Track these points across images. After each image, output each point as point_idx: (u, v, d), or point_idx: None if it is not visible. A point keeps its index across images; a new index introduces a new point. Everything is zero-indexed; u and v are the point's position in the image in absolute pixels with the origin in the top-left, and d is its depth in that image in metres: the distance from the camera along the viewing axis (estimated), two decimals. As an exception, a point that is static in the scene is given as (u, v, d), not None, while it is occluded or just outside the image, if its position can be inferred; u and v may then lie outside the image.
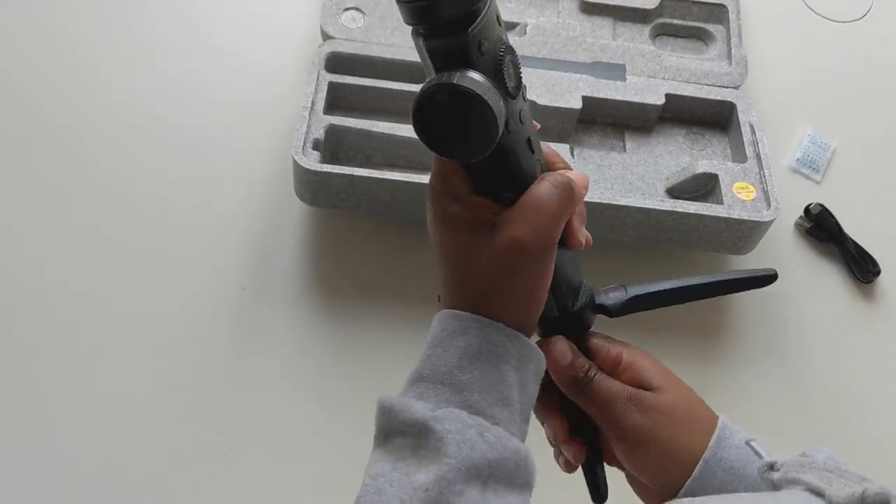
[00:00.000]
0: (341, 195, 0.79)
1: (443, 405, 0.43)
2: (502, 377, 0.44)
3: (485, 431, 0.42)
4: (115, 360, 0.76)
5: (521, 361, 0.46)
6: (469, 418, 0.42)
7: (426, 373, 0.45)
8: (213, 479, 0.72)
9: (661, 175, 0.89)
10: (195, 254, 0.83)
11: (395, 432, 0.43)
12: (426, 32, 0.42)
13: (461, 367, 0.44)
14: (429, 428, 0.42)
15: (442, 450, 0.41)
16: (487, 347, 0.45)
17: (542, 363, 0.47)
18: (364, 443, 0.73)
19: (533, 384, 0.47)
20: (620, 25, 0.97)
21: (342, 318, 0.80)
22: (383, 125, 0.83)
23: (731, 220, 0.79)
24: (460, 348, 0.45)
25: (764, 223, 0.80)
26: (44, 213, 0.83)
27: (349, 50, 0.88)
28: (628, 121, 0.91)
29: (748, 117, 0.89)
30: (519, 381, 0.46)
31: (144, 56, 0.96)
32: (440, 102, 0.43)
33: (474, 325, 0.45)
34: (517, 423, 0.45)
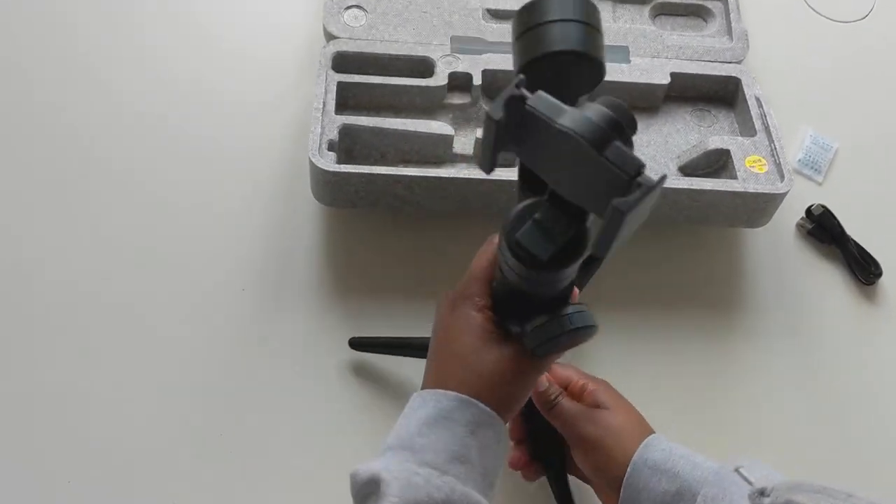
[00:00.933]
0: (360, 194, 0.79)
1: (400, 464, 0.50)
2: (456, 439, 0.52)
3: (433, 478, 0.49)
4: (117, 361, 0.77)
5: (478, 426, 0.53)
6: (419, 468, 0.50)
7: (391, 442, 0.53)
8: (213, 481, 0.72)
9: (671, 154, 0.89)
10: (208, 257, 0.83)
11: (358, 494, 0.51)
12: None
13: (420, 432, 0.52)
14: (379, 478, 0.49)
15: (387, 491, 0.48)
16: (443, 414, 0.52)
17: (502, 428, 0.54)
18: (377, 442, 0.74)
19: (495, 448, 0.54)
20: (620, 7, 0.97)
21: (359, 318, 0.81)
22: (395, 121, 0.83)
23: (747, 194, 0.80)
24: (420, 418, 0.53)
25: (779, 195, 0.81)
26: (50, 213, 0.84)
27: (354, 49, 0.88)
28: (635, 102, 0.92)
29: (753, 91, 0.90)
30: (477, 444, 0.52)
31: (145, 57, 0.96)
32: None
33: (432, 398, 0.54)
34: (476, 480, 0.52)
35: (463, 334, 0.56)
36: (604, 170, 0.41)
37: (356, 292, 0.82)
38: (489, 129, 0.42)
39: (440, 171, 0.79)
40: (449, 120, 0.88)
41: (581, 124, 0.41)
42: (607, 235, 0.42)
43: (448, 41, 0.90)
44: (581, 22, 0.43)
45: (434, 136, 0.83)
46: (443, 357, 0.57)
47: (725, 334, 0.85)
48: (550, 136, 0.42)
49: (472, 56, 0.89)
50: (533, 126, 0.41)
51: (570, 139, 0.41)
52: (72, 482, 0.71)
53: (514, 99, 0.41)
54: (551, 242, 0.47)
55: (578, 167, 0.42)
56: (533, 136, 0.42)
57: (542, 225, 0.47)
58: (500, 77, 0.89)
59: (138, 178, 0.87)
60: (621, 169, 0.41)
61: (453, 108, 0.89)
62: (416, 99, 0.88)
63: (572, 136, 0.41)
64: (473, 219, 0.85)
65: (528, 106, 0.41)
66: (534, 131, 0.42)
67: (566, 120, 0.42)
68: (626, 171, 0.41)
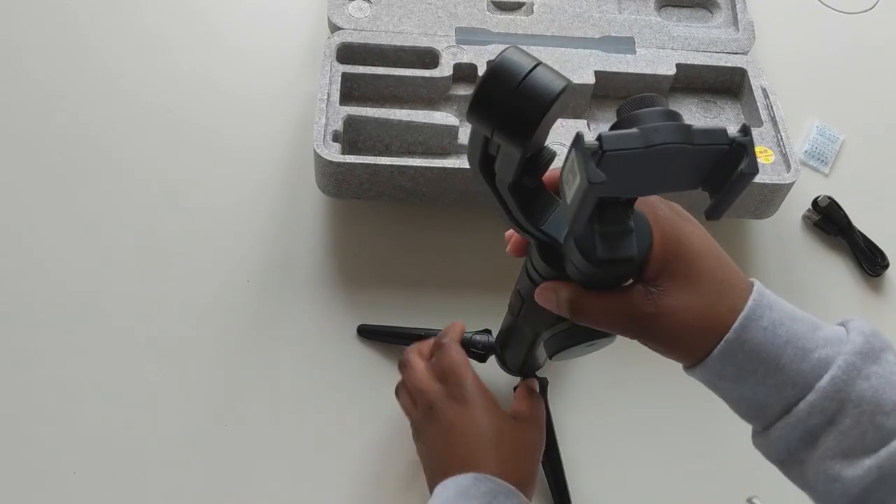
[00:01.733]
0: (365, 185, 0.79)
1: None
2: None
3: None
4: (122, 352, 0.76)
5: (494, 497, 0.57)
6: None
7: None
8: (219, 471, 0.72)
9: (677, 145, 0.89)
10: (212, 249, 0.83)
11: None
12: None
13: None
14: None
15: None
16: (461, 492, 0.57)
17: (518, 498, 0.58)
18: (382, 438, 0.74)
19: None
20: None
21: (364, 309, 0.80)
22: (400, 112, 0.83)
23: (753, 184, 0.79)
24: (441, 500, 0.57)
25: (785, 185, 0.81)
26: (56, 204, 0.84)
27: (358, 40, 0.88)
28: (641, 93, 0.91)
29: (760, 82, 0.90)
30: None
31: (150, 49, 0.96)
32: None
33: (452, 482, 0.58)
34: None
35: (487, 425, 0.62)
36: (702, 154, 0.43)
37: (361, 283, 0.82)
38: (591, 195, 0.42)
39: (445, 162, 0.78)
40: (454, 111, 0.88)
41: (664, 133, 0.42)
42: (728, 201, 0.44)
43: (453, 32, 0.90)
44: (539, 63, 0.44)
45: (439, 127, 0.83)
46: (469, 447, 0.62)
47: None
48: (638, 160, 0.42)
49: (477, 47, 0.89)
50: (617, 165, 0.42)
51: (661, 153, 0.42)
52: (77, 473, 0.71)
53: (595, 154, 0.41)
54: (628, 240, 0.48)
55: (673, 167, 0.44)
56: (619, 173, 0.42)
57: (607, 231, 0.48)
58: (505, 68, 0.89)
59: (143, 170, 0.87)
60: (718, 144, 0.43)
61: (458, 99, 0.89)
62: (421, 90, 0.88)
63: (664, 148, 0.42)
64: (478, 210, 0.85)
65: (608, 152, 0.41)
66: (619, 168, 0.42)
67: (643, 140, 0.42)
68: (722, 143, 0.43)
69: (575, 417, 0.77)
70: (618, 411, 0.78)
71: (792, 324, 0.49)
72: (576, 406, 0.77)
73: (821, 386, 0.47)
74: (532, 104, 0.43)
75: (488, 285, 0.82)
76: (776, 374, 0.48)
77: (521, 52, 0.44)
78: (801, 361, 0.47)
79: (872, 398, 0.46)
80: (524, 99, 0.43)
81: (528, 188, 0.50)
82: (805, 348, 0.48)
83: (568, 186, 0.44)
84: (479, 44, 0.90)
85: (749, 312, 0.48)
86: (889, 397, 0.46)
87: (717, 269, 0.50)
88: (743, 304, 0.48)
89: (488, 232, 0.85)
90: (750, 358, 0.48)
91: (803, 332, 0.48)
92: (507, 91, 0.43)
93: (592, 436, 0.76)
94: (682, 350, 0.50)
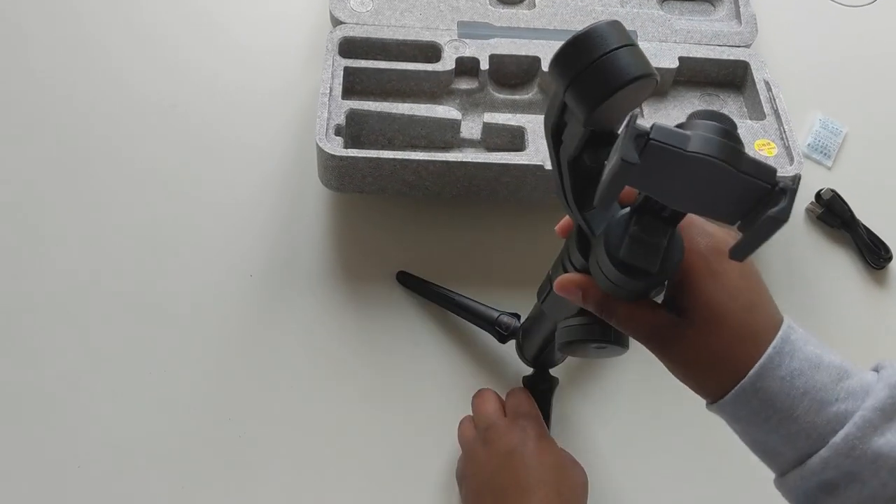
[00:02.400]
0: (367, 179, 0.79)
1: None
2: None
3: None
4: (125, 347, 0.76)
5: None
6: None
7: None
8: (223, 465, 0.72)
9: (680, 138, 0.89)
10: (216, 244, 0.83)
11: None
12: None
13: None
14: None
15: None
16: None
17: None
18: (385, 433, 0.73)
19: None
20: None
21: (367, 303, 0.80)
22: (402, 106, 0.83)
23: (755, 177, 0.80)
24: None
25: (788, 178, 0.80)
26: (58, 199, 0.84)
27: (360, 34, 0.88)
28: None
29: (762, 75, 0.90)
30: None
31: (152, 45, 0.96)
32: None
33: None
34: None
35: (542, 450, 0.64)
36: (743, 183, 0.42)
37: (364, 278, 0.82)
38: (622, 174, 0.42)
39: (448, 156, 0.78)
40: (456, 105, 0.88)
41: (712, 146, 0.42)
42: (754, 243, 0.43)
43: (455, 26, 0.90)
44: (631, 45, 0.44)
45: (442, 121, 0.83)
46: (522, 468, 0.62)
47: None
48: (681, 164, 0.42)
49: (479, 41, 0.89)
50: (658, 158, 0.42)
51: (705, 163, 0.42)
52: (81, 467, 0.71)
53: (640, 137, 0.41)
54: (654, 254, 0.48)
55: (714, 186, 0.43)
56: (658, 168, 0.42)
57: (639, 237, 0.48)
58: (506, 62, 0.89)
59: (145, 165, 0.87)
60: (762, 180, 0.42)
61: (460, 93, 0.89)
62: (424, 84, 0.88)
63: (709, 160, 0.41)
64: (482, 203, 0.85)
65: (653, 140, 0.41)
66: (659, 163, 0.42)
67: (695, 145, 0.42)
68: (766, 180, 0.42)
69: (588, 414, 0.77)
70: (636, 411, 0.78)
71: (813, 373, 0.48)
72: (592, 403, 0.77)
73: (834, 442, 0.47)
74: (603, 79, 0.43)
75: (491, 279, 0.82)
76: (790, 424, 0.48)
77: (619, 30, 0.44)
78: (817, 414, 0.47)
79: (890, 454, 0.46)
80: (599, 71, 0.43)
81: (588, 170, 0.49)
82: (823, 400, 0.47)
83: (608, 163, 0.44)
84: (482, 38, 0.89)
85: (767, 361, 0.48)
86: None
87: (744, 313, 0.50)
88: (764, 351, 0.49)
89: (492, 226, 0.86)
90: (764, 406, 0.48)
91: (824, 383, 0.48)
92: (588, 58, 0.43)
93: (607, 437, 0.76)
94: (697, 384, 0.51)
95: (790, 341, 0.49)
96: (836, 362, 0.49)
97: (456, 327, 0.79)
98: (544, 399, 0.73)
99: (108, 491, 0.70)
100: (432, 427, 0.74)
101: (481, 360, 0.78)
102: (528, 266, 0.70)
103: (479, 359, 0.78)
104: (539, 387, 0.73)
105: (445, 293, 0.79)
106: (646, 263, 0.48)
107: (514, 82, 0.91)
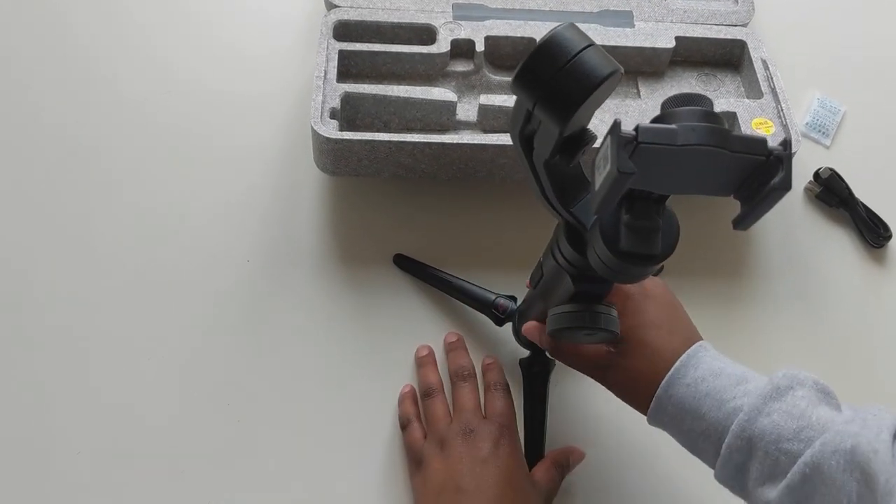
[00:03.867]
0: (363, 162, 0.78)
1: None
2: None
3: None
4: (123, 334, 0.76)
5: None
6: None
7: None
8: (221, 450, 0.72)
9: (677, 118, 0.88)
10: (211, 229, 0.83)
11: None
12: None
13: None
14: None
15: None
16: None
17: None
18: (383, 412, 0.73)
19: None
20: (624, -28, 0.96)
21: (363, 287, 0.80)
22: (398, 89, 0.83)
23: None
24: None
25: (786, 157, 0.80)
26: (57, 186, 0.84)
27: (355, 17, 0.87)
28: (640, 67, 0.91)
29: (760, 53, 0.89)
30: None
31: (145, 29, 0.95)
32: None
33: None
34: None
35: (495, 471, 0.64)
36: (736, 161, 0.43)
37: (360, 261, 0.82)
38: (620, 183, 0.42)
39: (444, 138, 0.78)
40: (452, 87, 0.87)
41: (701, 134, 0.42)
42: (757, 213, 0.44)
43: (450, 8, 0.90)
44: (590, 44, 0.43)
45: (437, 103, 0.83)
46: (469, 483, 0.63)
47: (733, 300, 0.84)
48: (675, 158, 0.42)
49: (474, 23, 0.88)
50: (650, 158, 0.41)
51: (698, 152, 0.42)
52: (81, 453, 0.71)
53: (629, 144, 0.41)
54: (653, 236, 0.48)
55: (709, 169, 0.43)
56: (652, 166, 0.42)
57: (634, 224, 0.48)
58: (502, 43, 0.88)
59: (139, 152, 0.87)
60: (755, 153, 0.43)
61: (456, 75, 0.88)
62: (419, 66, 0.87)
63: (701, 149, 0.42)
64: (477, 185, 0.85)
65: (643, 144, 0.41)
66: (652, 162, 0.42)
67: (682, 138, 0.42)
68: (759, 153, 0.43)
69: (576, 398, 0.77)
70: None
71: (714, 380, 0.57)
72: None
73: (732, 429, 0.55)
74: (577, 84, 0.43)
75: (488, 261, 0.82)
76: (700, 422, 0.56)
77: (576, 31, 0.44)
78: (719, 410, 0.56)
79: (773, 430, 0.53)
80: (570, 78, 0.43)
81: (565, 168, 0.49)
82: (723, 399, 0.56)
83: (598, 172, 0.43)
84: (477, 19, 0.89)
85: (674, 372, 0.58)
86: (789, 426, 0.53)
87: (662, 340, 0.60)
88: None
89: (489, 208, 0.85)
90: (678, 410, 0.57)
91: (724, 386, 0.56)
92: (554, 68, 0.43)
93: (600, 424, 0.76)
94: (632, 402, 0.61)
95: (696, 356, 0.58)
96: (737, 372, 0.58)
97: (453, 310, 0.79)
98: (541, 381, 0.73)
99: (107, 476, 0.70)
100: (430, 409, 0.74)
101: (478, 342, 0.78)
102: (524, 248, 0.70)
103: (475, 341, 0.78)
104: (535, 369, 0.73)
105: (442, 276, 0.79)
106: (647, 248, 0.48)
107: (510, 64, 0.90)
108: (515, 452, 0.66)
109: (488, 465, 0.64)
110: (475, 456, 0.64)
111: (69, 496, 0.69)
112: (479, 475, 0.63)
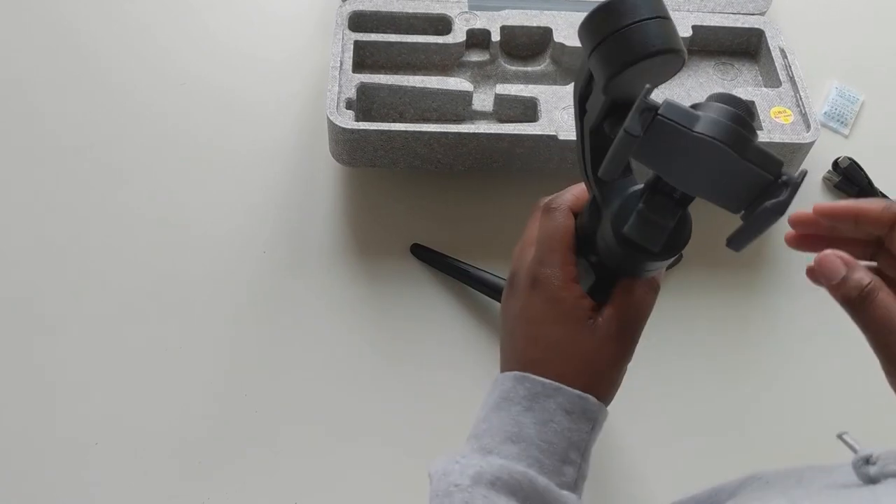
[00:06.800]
0: (379, 152, 0.78)
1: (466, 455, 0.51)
2: (511, 418, 0.52)
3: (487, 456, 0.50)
4: (139, 325, 0.77)
5: (534, 400, 0.52)
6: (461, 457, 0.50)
7: (470, 431, 0.54)
8: (238, 441, 0.72)
9: (694, 107, 0.88)
10: (228, 221, 0.83)
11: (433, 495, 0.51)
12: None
13: (484, 418, 0.53)
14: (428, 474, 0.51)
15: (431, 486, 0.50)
16: (503, 396, 0.53)
17: (565, 396, 0.52)
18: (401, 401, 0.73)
19: (561, 418, 0.52)
20: (640, -40, 0.96)
21: (380, 278, 0.80)
22: (413, 79, 0.82)
23: (772, 144, 0.79)
24: (488, 404, 0.54)
25: (805, 144, 0.80)
26: (74, 176, 0.84)
27: (370, 7, 0.87)
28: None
29: (777, 42, 0.89)
30: (535, 419, 0.52)
31: (159, 22, 0.96)
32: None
33: (499, 382, 0.54)
34: (534, 456, 0.51)
35: (551, 322, 0.54)
36: (746, 171, 0.42)
37: (376, 252, 0.82)
38: (625, 145, 0.41)
39: (460, 128, 0.78)
40: (468, 77, 0.87)
41: (719, 130, 0.41)
42: (749, 233, 0.43)
43: (465, -2, 0.89)
44: (663, 17, 0.43)
45: (453, 93, 0.82)
46: (528, 341, 0.55)
47: (749, 290, 0.83)
48: (686, 143, 0.41)
49: (490, 13, 0.88)
50: (664, 134, 0.41)
51: (710, 146, 0.41)
52: (99, 444, 0.71)
53: (648, 111, 0.41)
54: (659, 233, 0.47)
55: (717, 170, 0.42)
56: (664, 145, 0.42)
57: (646, 215, 0.47)
58: (517, 33, 0.88)
59: (156, 143, 0.87)
60: (765, 170, 0.42)
61: (472, 65, 0.88)
62: (434, 57, 0.87)
63: (713, 143, 0.41)
64: (494, 176, 0.85)
65: (660, 116, 0.41)
66: (665, 139, 0.41)
67: (702, 127, 0.41)
68: (770, 171, 0.42)
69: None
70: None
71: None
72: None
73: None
74: (624, 49, 0.43)
75: (506, 251, 0.81)
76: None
77: (658, 2, 0.44)
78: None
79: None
80: (622, 40, 0.43)
81: (608, 143, 0.48)
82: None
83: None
84: (492, 9, 0.89)
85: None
86: None
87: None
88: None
89: (504, 198, 0.85)
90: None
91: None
92: (614, 25, 0.43)
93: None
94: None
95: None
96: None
97: (470, 300, 0.79)
98: None
99: (125, 467, 0.70)
100: (448, 398, 0.74)
101: (495, 331, 0.77)
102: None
103: (493, 330, 0.77)
104: None
105: (459, 265, 0.79)
106: (649, 242, 0.48)
107: (526, 54, 0.90)
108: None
109: None
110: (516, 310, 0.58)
111: (87, 486, 0.69)
112: None
